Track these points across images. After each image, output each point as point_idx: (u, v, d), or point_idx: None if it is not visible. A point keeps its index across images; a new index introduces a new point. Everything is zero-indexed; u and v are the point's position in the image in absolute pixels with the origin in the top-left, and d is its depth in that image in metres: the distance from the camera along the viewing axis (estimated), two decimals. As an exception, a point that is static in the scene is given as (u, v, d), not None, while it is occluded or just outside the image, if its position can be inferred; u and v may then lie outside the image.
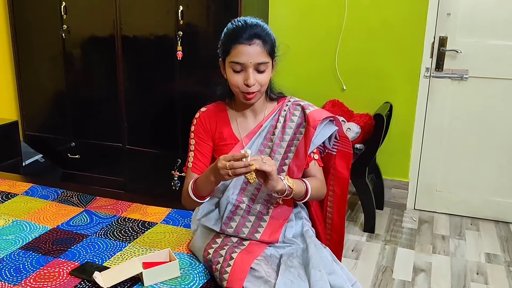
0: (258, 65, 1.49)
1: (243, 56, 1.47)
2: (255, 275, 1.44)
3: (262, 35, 1.48)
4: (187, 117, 1.71)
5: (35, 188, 2.23)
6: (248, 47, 1.47)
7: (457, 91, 3.15)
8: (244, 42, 1.47)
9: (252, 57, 1.47)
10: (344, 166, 1.68)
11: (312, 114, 1.58)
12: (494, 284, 2.52)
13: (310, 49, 3.33)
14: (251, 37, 1.47)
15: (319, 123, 1.56)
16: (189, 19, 2.99)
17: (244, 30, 1.48)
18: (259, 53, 1.48)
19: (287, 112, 1.61)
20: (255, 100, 1.56)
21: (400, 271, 2.62)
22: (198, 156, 1.64)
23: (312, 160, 1.63)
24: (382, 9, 3.14)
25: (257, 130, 1.61)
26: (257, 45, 1.47)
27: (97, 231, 1.86)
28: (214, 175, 1.45)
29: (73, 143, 3.53)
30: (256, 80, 1.49)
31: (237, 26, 1.51)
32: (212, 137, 1.65)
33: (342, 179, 1.69)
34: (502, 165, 3.17)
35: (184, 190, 1.63)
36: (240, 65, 1.49)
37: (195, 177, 1.60)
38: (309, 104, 1.63)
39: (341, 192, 1.70)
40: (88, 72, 3.40)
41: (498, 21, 2.99)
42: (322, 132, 1.60)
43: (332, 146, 1.68)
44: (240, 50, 1.47)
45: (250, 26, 1.49)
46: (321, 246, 1.60)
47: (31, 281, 1.52)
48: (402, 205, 3.40)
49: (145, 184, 3.38)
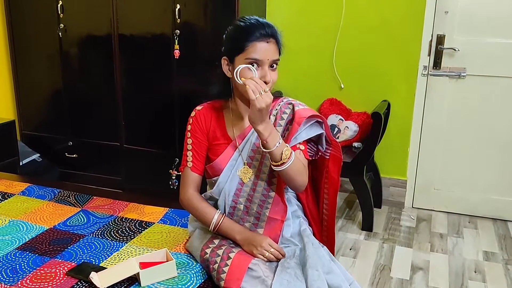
0: (273, 62, 1.51)
1: (262, 53, 1.48)
2: (252, 275, 1.44)
3: (275, 34, 1.52)
4: (184, 116, 1.71)
5: (31, 188, 2.23)
6: (266, 44, 1.49)
7: (454, 90, 3.15)
8: (263, 39, 1.49)
9: (270, 54, 1.50)
10: (335, 170, 1.68)
11: (299, 111, 1.58)
12: (492, 282, 2.53)
13: (308, 48, 3.32)
14: (268, 35, 1.49)
15: (304, 120, 1.56)
16: (186, 18, 2.98)
17: (261, 27, 1.50)
18: (275, 51, 1.51)
19: (278, 111, 1.61)
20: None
21: (398, 270, 2.62)
22: (196, 155, 1.64)
23: (297, 149, 1.59)
24: (380, 7, 3.14)
25: (249, 130, 1.61)
26: (273, 43, 1.51)
27: (94, 231, 1.85)
28: (246, 244, 1.55)
29: (70, 142, 3.52)
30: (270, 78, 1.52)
31: (251, 24, 1.51)
32: (206, 135, 1.65)
33: (334, 184, 1.69)
34: (500, 163, 3.17)
35: (193, 204, 1.63)
36: (257, 62, 1.49)
37: (195, 176, 1.62)
38: (300, 103, 1.63)
39: (334, 195, 1.70)
40: (85, 71, 3.39)
41: (495, 19, 2.99)
42: (306, 131, 1.59)
43: (325, 150, 1.67)
44: (258, 47, 1.48)
45: (265, 25, 1.51)
46: (318, 245, 1.60)
47: (27, 281, 1.51)
48: (400, 204, 3.40)
49: (143, 183, 3.37)
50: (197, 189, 1.66)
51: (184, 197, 1.64)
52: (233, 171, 1.60)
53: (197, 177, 1.64)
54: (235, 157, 1.60)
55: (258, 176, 1.58)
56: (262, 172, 1.58)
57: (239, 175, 1.59)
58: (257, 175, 1.58)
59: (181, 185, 1.66)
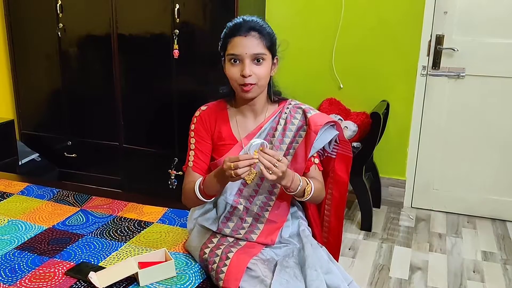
0: (255, 56, 1.49)
1: (239, 47, 1.48)
2: (251, 275, 1.44)
3: (257, 27, 1.50)
4: (183, 115, 1.71)
5: (30, 187, 2.23)
6: (244, 39, 1.48)
7: (454, 90, 3.15)
8: (241, 35, 1.49)
9: (248, 48, 1.48)
10: (343, 169, 1.68)
11: (314, 119, 1.57)
12: (491, 282, 2.53)
13: (307, 48, 3.32)
14: (247, 29, 1.49)
15: (320, 128, 1.56)
16: (185, 18, 2.98)
17: (241, 24, 1.51)
18: (256, 45, 1.49)
19: (287, 115, 1.61)
20: (253, 94, 1.53)
21: (397, 270, 2.62)
22: (198, 155, 1.63)
23: (313, 164, 1.63)
24: (379, 7, 3.14)
25: (257, 132, 1.60)
26: (253, 37, 1.49)
27: (93, 230, 1.85)
28: (220, 177, 1.46)
29: (69, 142, 3.52)
30: (253, 72, 1.49)
31: (235, 22, 1.53)
32: (211, 136, 1.65)
33: (341, 183, 1.69)
34: (498, 163, 3.18)
35: (186, 190, 1.61)
36: (237, 57, 1.49)
37: (196, 176, 1.60)
38: (310, 107, 1.63)
39: (340, 196, 1.70)
40: (84, 70, 3.39)
41: (494, 19, 2.99)
42: (322, 137, 1.59)
43: (331, 150, 1.67)
44: (236, 42, 1.49)
45: (247, 21, 1.51)
46: (317, 245, 1.60)
47: (26, 281, 1.51)
48: (399, 203, 3.40)
49: (142, 182, 3.37)
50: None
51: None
52: None
53: (198, 177, 1.62)
54: None
55: (262, 178, 1.56)
56: None
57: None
58: (262, 177, 1.55)
59: (183, 185, 1.65)
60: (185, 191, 1.62)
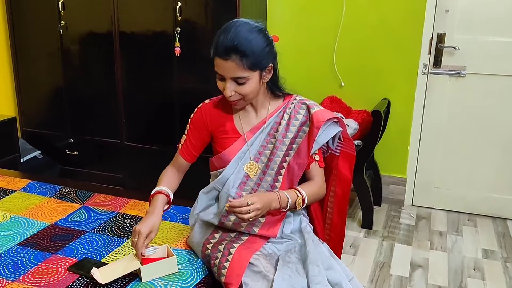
0: (236, 78, 1.49)
1: (220, 69, 1.50)
2: (253, 270, 1.45)
3: (240, 50, 1.44)
4: (185, 113, 1.72)
5: (33, 184, 2.23)
6: (224, 62, 1.47)
7: (455, 88, 3.16)
8: (221, 57, 1.47)
9: (228, 72, 1.49)
10: (346, 167, 1.69)
11: (317, 114, 1.58)
12: (491, 280, 2.54)
13: (308, 46, 3.33)
14: (227, 52, 1.45)
15: (322, 124, 1.56)
16: (187, 16, 2.99)
17: (223, 43, 1.46)
18: (235, 69, 1.47)
19: (292, 110, 1.62)
20: (241, 106, 1.59)
21: (398, 267, 2.63)
22: (187, 142, 1.70)
23: (313, 161, 1.64)
24: (380, 5, 3.14)
25: (260, 126, 1.62)
26: (233, 61, 1.46)
27: (95, 227, 1.86)
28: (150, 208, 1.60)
29: (71, 139, 3.53)
30: (236, 91, 1.51)
31: (218, 38, 1.49)
32: (209, 130, 1.66)
33: (344, 180, 1.70)
34: (499, 162, 3.18)
35: (165, 169, 1.76)
36: (221, 76, 1.52)
37: (180, 160, 1.70)
38: (314, 103, 1.63)
39: (342, 193, 1.71)
40: (86, 68, 3.39)
41: (496, 18, 2.99)
42: (325, 132, 1.60)
43: (335, 147, 1.68)
44: (218, 63, 1.50)
45: (229, 39, 1.45)
46: (318, 241, 1.61)
47: (29, 277, 1.52)
48: (399, 201, 3.40)
49: (144, 180, 3.37)
50: (176, 169, 1.73)
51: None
52: (240, 163, 1.61)
53: (181, 160, 1.71)
54: (244, 150, 1.62)
55: (265, 172, 1.60)
56: (271, 168, 1.60)
57: (245, 169, 1.60)
58: (264, 171, 1.60)
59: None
60: (165, 170, 1.74)
